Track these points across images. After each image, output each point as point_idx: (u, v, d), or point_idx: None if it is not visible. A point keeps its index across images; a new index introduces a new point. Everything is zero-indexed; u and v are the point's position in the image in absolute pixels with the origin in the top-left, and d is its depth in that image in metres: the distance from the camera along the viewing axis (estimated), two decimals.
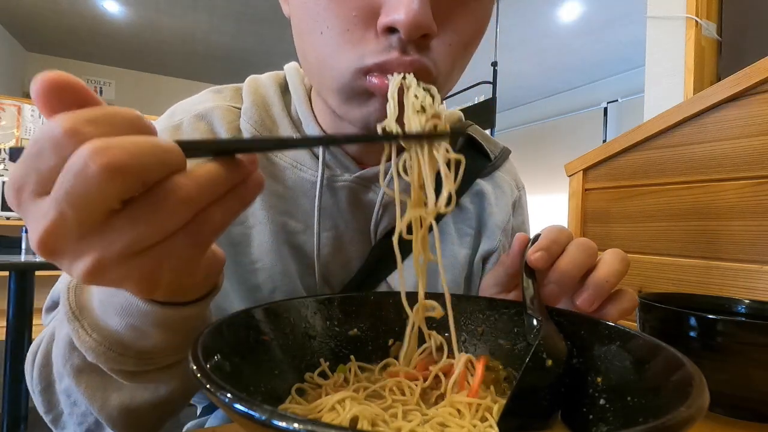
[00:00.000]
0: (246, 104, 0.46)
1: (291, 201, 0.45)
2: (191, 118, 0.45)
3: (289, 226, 0.45)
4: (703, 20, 1.53)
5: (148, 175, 0.18)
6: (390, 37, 0.33)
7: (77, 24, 4.22)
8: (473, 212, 0.53)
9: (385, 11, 0.32)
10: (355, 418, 0.25)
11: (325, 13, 0.34)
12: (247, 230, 0.45)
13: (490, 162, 0.55)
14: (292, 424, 0.16)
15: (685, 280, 0.80)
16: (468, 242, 0.52)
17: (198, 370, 0.21)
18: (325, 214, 0.46)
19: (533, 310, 0.32)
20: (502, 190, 0.55)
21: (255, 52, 4.77)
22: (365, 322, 0.37)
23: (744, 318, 0.47)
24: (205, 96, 0.49)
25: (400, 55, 0.33)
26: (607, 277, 0.34)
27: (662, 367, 0.25)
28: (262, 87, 0.48)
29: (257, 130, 0.45)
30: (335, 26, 0.34)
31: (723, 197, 0.76)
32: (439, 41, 0.35)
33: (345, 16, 0.34)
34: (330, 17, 0.34)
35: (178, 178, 0.19)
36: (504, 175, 0.57)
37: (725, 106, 0.76)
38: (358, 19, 0.33)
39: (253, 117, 0.45)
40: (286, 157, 0.45)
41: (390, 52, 0.33)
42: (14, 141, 3.56)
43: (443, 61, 0.36)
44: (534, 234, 0.38)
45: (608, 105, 5.00)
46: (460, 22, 0.36)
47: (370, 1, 0.33)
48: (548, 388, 0.28)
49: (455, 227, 0.52)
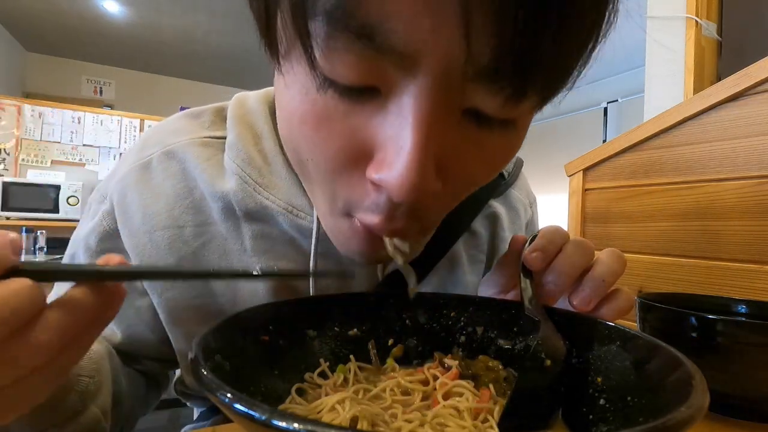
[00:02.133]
0: (231, 137, 0.40)
1: (287, 244, 0.40)
2: (160, 156, 0.40)
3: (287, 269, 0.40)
4: (703, 20, 1.53)
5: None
6: (380, 191, 0.26)
7: (77, 24, 4.22)
8: (485, 238, 0.49)
9: (376, 160, 0.25)
10: (355, 418, 0.25)
11: (307, 143, 0.28)
12: (233, 282, 0.40)
13: (504, 180, 0.50)
14: (292, 424, 0.16)
15: (685, 280, 0.80)
16: (479, 270, 0.49)
17: (198, 370, 0.21)
18: (325, 257, 0.40)
19: (531, 310, 0.32)
20: (516, 212, 0.52)
21: (255, 52, 4.75)
22: (365, 322, 0.37)
23: (744, 318, 0.47)
24: (180, 123, 0.42)
25: (387, 223, 0.28)
26: (604, 276, 0.34)
27: (662, 367, 0.25)
28: (251, 113, 0.41)
29: (244, 171, 0.38)
30: (321, 164, 0.28)
31: (723, 197, 0.76)
32: (440, 195, 0.27)
33: (330, 154, 0.27)
34: (314, 150, 0.28)
35: (35, 328, 0.18)
36: (517, 193, 0.53)
37: (725, 106, 0.75)
38: (345, 161, 0.27)
39: (240, 155, 0.38)
40: (280, 201, 0.38)
41: (375, 214, 0.28)
42: (14, 141, 3.56)
43: (440, 212, 0.31)
44: (531, 234, 0.38)
45: (608, 105, 5.01)
46: (472, 171, 0.29)
47: (361, 139, 0.26)
48: (548, 388, 0.28)
49: (467, 254, 0.48)
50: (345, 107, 0.25)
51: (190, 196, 0.39)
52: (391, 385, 0.31)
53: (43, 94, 4.59)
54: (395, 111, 0.24)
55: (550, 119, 5.85)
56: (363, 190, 0.28)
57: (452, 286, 0.46)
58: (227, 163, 0.39)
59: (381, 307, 0.38)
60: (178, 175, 0.39)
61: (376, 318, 0.37)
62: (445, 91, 0.23)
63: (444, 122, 0.24)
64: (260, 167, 0.39)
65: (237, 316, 0.30)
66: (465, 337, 0.37)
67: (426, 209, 0.29)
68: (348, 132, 0.25)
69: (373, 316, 0.37)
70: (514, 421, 0.26)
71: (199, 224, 0.39)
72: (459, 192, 0.31)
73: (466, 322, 0.37)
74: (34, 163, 3.64)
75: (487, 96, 0.23)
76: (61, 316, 0.19)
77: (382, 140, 0.25)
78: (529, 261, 0.34)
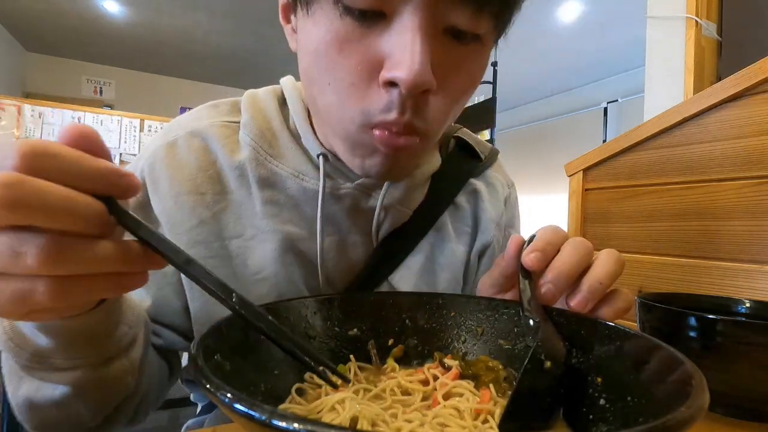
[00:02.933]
0: (245, 118, 0.47)
1: (293, 209, 0.46)
2: (185, 135, 0.46)
3: (292, 233, 0.45)
4: (703, 20, 1.53)
5: (52, 218, 0.21)
6: (391, 91, 0.34)
7: (77, 24, 4.23)
8: (469, 210, 0.55)
9: (387, 66, 0.34)
10: (355, 418, 0.25)
11: (331, 65, 0.35)
12: (246, 242, 0.45)
13: (482, 162, 0.57)
14: (292, 424, 0.16)
15: (685, 280, 0.80)
16: (465, 240, 0.55)
17: (198, 369, 0.21)
18: (327, 221, 0.46)
19: (531, 311, 0.32)
20: (494, 187, 0.58)
21: (255, 52, 4.77)
22: (365, 322, 0.37)
23: (744, 318, 0.47)
24: (202, 112, 0.49)
25: (399, 117, 0.35)
26: (601, 279, 0.34)
27: (662, 367, 0.25)
28: (261, 101, 0.49)
29: (257, 143, 0.45)
30: (341, 79, 0.35)
31: (723, 197, 0.76)
32: (436, 97, 0.36)
33: (350, 69, 0.35)
34: (336, 69, 0.35)
35: (103, 241, 0.23)
36: (495, 174, 0.59)
37: (725, 106, 0.76)
38: (362, 72, 0.35)
39: (252, 130, 0.46)
40: (288, 167, 0.45)
41: (391, 111, 0.35)
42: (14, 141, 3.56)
43: (438, 115, 0.37)
44: (529, 235, 0.38)
45: (608, 105, 5.00)
46: (456, 79, 0.37)
47: (374, 54, 0.34)
48: (548, 389, 0.28)
49: (453, 226, 0.54)
50: (360, 30, 0.34)
51: (211, 168, 0.45)
52: (392, 385, 0.31)
53: (43, 94, 4.59)
54: (398, 26, 0.33)
55: (550, 119, 5.85)
56: (378, 96, 0.35)
57: (440, 253, 0.52)
58: (242, 137, 0.46)
59: (381, 307, 0.38)
60: (201, 150, 0.46)
61: (376, 318, 0.37)
62: (432, 9, 0.32)
63: (433, 35, 0.33)
64: (270, 140, 0.46)
65: (237, 316, 0.30)
66: (465, 337, 0.37)
67: (426, 106, 0.36)
68: (363, 49, 0.34)
69: (373, 316, 0.37)
70: (515, 422, 0.26)
71: (217, 192, 0.45)
72: (448, 100, 0.38)
73: (466, 322, 0.37)
74: None
75: (458, 12, 0.33)
76: (122, 247, 0.24)
77: (390, 49, 0.33)
78: (527, 262, 0.34)
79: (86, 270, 0.23)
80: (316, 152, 0.45)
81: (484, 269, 0.56)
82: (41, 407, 0.34)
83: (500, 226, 0.57)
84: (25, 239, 0.21)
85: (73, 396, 0.33)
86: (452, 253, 0.52)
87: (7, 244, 0.21)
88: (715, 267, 0.76)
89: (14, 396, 0.35)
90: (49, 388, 0.33)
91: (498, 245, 0.56)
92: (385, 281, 0.49)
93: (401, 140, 0.37)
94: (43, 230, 0.21)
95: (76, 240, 0.22)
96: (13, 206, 0.20)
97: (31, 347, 0.30)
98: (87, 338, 0.31)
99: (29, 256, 0.21)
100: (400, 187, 0.47)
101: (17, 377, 0.34)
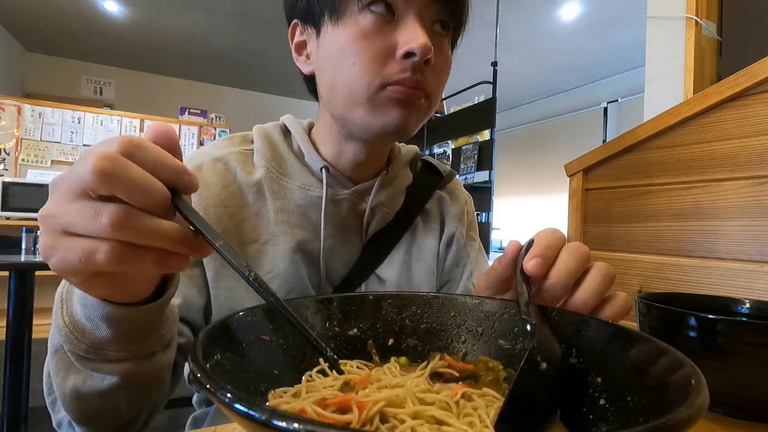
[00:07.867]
0: (257, 145, 0.58)
1: (301, 215, 0.55)
2: (210, 161, 0.56)
3: (300, 235, 0.55)
4: (703, 20, 1.53)
5: (130, 191, 0.26)
6: (406, 60, 0.46)
7: (77, 24, 4.23)
8: (436, 212, 0.67)
9: (401, 45, 0.46)
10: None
11: (356, 49, 0.47)
12: (261, 246, 0.54)
13: (443, 178, 0.71)
14: (292, 424, 0.16)
15: (685, 280, 0.81)
16: (435, 235, 0.66)
17: (198, 369, 0.21)
18: (328, 223, 0.55)
19: (528, 314, 0.32)
20: (456, 195, 0.71)
21: (255, 52, 4.78)
22: (365, 322, 0.37)
23: (744, 318, 0.47)
24: (219, 144, 0.60)
25: (412, 75, 0.46)
26: (585, 300, 0.35)
27: (662, 367, 0.25)
28: (268, 132, 0.60)
29: (269, 164, 0.56)
30: (364, 59, 0.46)
31: (723, 197, 0.76)
32: (433, 68, 0.49)
33: (372, 50, 0.46)
34: (360, 52, 0.46)
35: (158, 219, 0.27)
36: (455, 186, 0.72)
37: (725, 106, 0.76)
38: (381, 52, 0.46)
39: (265, 154, 0.57)
40: (295, 182, 0.56)
41: (407, 71, 0.46)
42: (14, 141, 3.56)
43: (434, 80, 0.50)
44: (527, 240, 0.38)
45: (608, 105, 5.01)
46: (440, 59, 0.49)
47: (389, 40, 0.46)
48: (544, 390, 0.28)
49: (424, 226, 0.65)
50: (377, 26, 0.46)
51: (232, 186, 0.55)
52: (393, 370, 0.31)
53: (43, 94, 4.59)
54: (405, 22, 0.46)
55: (550, 119, 5.85)
56: (395, 65, 0.46)
57: (416, 249, 0.64)
58: (257, 160, 0.57)
59: (381, 307, 0.38)
60: (224, 171, 0.55)
61: (376, 318, 0.37)
62: (427, 8, 0.47)
63: (429, 27, 0.48)
64: (279, 162, 0.57)
65: (237, 316, 0.30)
66: (465, 337, 0.37)
67: (427, 73, 0.48)
68: (381, 37, 0.46)
69: (373, 316, 0.37)
70: (510, 424, 0.26)
71: (238, 205, 0.54)
72: (438, 71, 0.50)
73: (466, 322, 0.37)
74: (34, 163, 3.64)
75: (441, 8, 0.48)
76: (177, 229, 0.28)
77: (402, 35, 0.46)
78: (528, 269, 0.35)
79: (144, 241, 0.27)
80: (318, 167, 0.55)
81: (451, 256, 0.66)
82: (86, 397, 0.38)
83: (462, 221, 0.68)
84: (105, 205, 0.26)
85: (118, 387, 0.37)
86: (425, 248, 0.64)
87: (91, 206, 0.26)
88: (715, 267, 0.76)
89: (61, 387, 0.38)
90: (97, 379, 0.37)
91: (462, 237, 0.67)
92: (373, 273, 0.59)
93: (415, 92, 0.47)
94: (120, 203, 0.26)
95: (143, 214, 0.27)
96: (107, 174, 0.25)
97: (88, 339, 0.34)
98: (142, 331, 0.36)
99: (105, 217, 0.25)
100: (384, 193, 0.59)
101: (65, 370, 0.38)
